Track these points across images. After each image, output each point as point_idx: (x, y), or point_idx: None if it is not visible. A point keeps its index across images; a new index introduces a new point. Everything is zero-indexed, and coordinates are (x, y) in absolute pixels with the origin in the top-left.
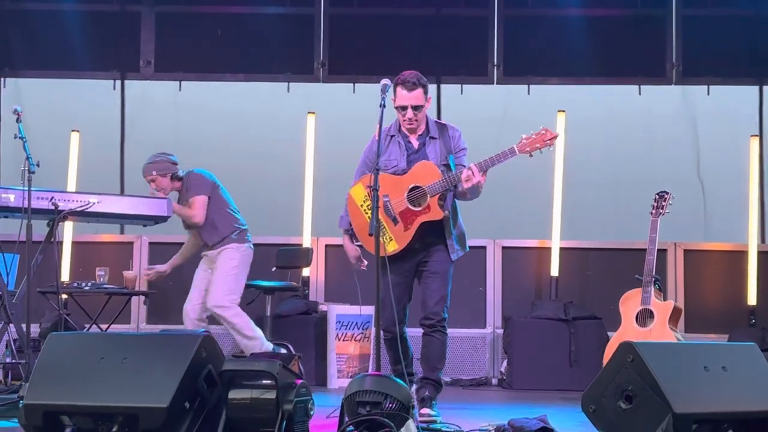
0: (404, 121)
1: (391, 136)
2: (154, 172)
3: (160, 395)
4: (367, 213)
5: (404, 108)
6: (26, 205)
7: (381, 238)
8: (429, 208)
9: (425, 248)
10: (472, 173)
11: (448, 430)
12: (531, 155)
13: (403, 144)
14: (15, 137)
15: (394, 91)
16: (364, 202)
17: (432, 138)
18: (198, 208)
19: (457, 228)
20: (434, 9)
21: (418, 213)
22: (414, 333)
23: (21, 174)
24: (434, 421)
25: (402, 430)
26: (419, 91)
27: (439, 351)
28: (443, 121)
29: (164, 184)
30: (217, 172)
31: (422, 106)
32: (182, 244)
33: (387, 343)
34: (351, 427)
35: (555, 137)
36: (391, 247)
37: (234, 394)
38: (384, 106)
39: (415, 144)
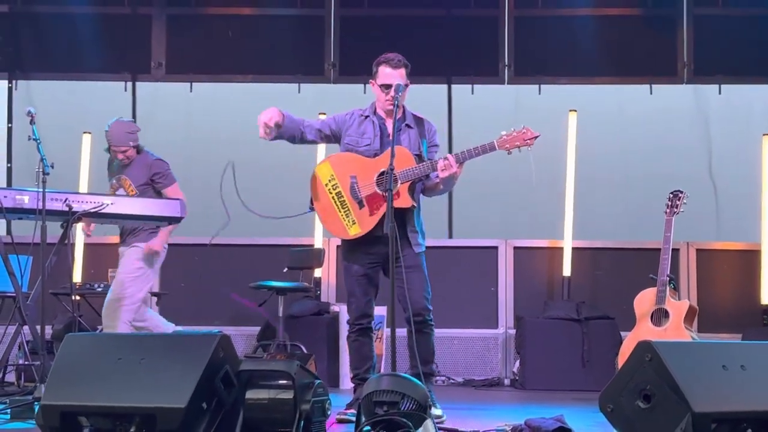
0: (387, 100)
1: (366, 117)
2: (131, 143)
3: (177, 396)
4: (332, 194)
5: (388, 86)
6: (40, 207)
7: (343, 221)
8: (398, 194)
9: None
10: (450, 163)
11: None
12: (510, 152)
13: (377, 124)
14: (29, 139)
15: (377, 71)
16: (329, 181)
17: (408, 126)
18: (180, 194)
19: (420, 224)
20: (444, 10)
21: (384, 196)
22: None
23: (35, 176)
24: (443, 420)
25: (420, 430)
26: (403, 70)
27: (430, 345)
28: (421, 115)
29: (132, 155)
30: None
31: (406, 86)
32: (195, 246)
33: (355, 335)
34: (368, 427)
35: (535, 137)
36: (354, 230)
37: (251, 395)
38: (397, 106)
39: (390, 128)
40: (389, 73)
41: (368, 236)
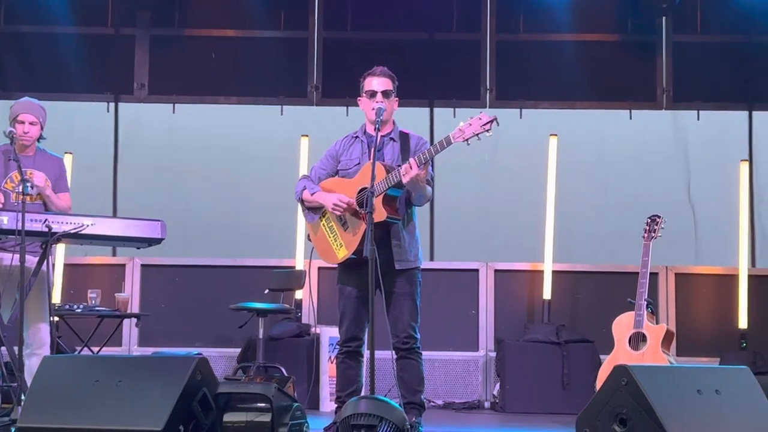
0: (372, 109)
1: (355, 137)
2: (41, 119)
3: (154, 418)
4: (322, 221)
5: (373, 93)
6: (20, 228)
7: (332, 245)
8: (374, 208)
9: (385, 263)
10: (410, 166)
11: None
12: (468, 143)
13: (365, 142)
14: (9, 159)
15: (363, 84)
16: (320, 210)
17: (392, 139)
18: (69, 204)
19: (410, 236)
20: (427, 33)
21: (365, 215)
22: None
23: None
24: None
25: None
26: (388, 80)
27: (418, 373)
28: (408, 131)
29: (36, 136)
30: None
31: (391, 93)
32: (176, 267)
33: (342, 357)
34: None
35: (491, 121)
36: (341, 253)
37: (229, 417)
38: (378, 129)
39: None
40: (373, 82)
41: (362, 258)
